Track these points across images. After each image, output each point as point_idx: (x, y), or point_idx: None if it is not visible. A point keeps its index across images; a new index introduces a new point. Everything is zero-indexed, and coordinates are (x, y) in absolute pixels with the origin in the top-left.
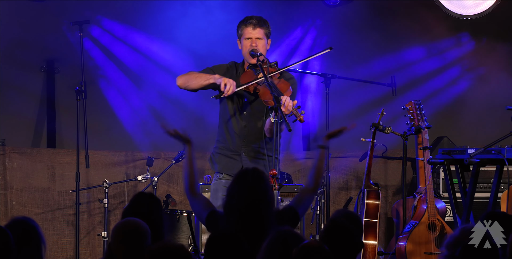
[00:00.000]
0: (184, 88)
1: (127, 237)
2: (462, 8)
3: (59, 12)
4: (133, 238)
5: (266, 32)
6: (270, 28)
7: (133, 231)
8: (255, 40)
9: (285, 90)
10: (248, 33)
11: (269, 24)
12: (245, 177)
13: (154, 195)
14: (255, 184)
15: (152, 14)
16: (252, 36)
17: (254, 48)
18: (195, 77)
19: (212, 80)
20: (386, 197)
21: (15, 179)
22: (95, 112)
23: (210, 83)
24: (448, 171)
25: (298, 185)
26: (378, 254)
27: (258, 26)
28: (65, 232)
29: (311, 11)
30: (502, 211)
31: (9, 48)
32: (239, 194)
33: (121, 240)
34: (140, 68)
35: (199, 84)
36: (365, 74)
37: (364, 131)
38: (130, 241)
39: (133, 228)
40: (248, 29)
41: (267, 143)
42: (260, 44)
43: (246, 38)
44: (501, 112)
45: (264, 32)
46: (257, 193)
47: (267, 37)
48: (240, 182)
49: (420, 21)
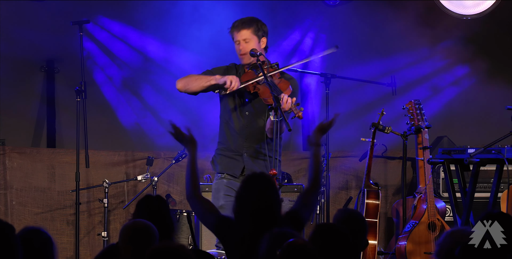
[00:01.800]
0: (184, 91)
1: (136, 237)
2: (462, 8)
3: (59, 12)
4: (142, 238)
5: (254, 31)
6: (264, 27)
7: (142, 232)
8: (242, 43)
9: (285, 89)
10: (235, 36)
11: (261, 22)
12: (254, 181)
13: (160, 196)
14: (266, 188)
15: (152, 13)
16: (239, 39)
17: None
18: (195, 79)
19: (213, 81)
20: (386, 197)
21: (15, 179)
22: (95, 112)
23: (212, 85)
24: (448, 171)
25: (298, 185)
26: (378, 254)
27: (241, 27)
28: (65, 232)
29: (311, 11)
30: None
31: (9, 48)
32: (250, 199)
33: (130, 240)
34: (140, 67)
35: (200, 86)
36: (365, 74)
37: (364, 131)
38: (139, 241)
39: (142, 229)
40: (234, 33)
41: (268, 143)
42: (249, 46)
43: (235, 42)
44: (501, 112)
45: (251, 32)
46: (268, 196)
47: (258, 36)
48: (250, 186)
49: (420, 21)
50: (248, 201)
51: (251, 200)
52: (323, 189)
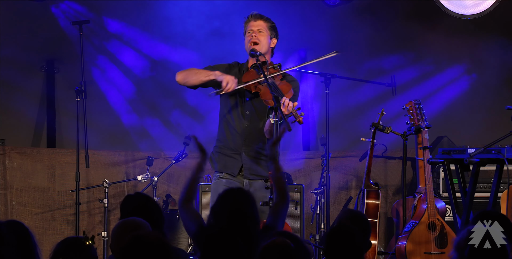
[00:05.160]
0: (183, 84)
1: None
2: (462, 8)
3: (59, 12)
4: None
5: (269, 26)
6: (275, 28)
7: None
8: (256, 32)
9: (286, 91)
10: (250, 25)
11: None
12: (229, 197)
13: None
14: (241, 204)
15: (152, 13)
16: (254, 28)
17: (254, 47)
18: (195, 73)
19: (212, 77)
20: (386, 197)
21: (15, 179)
22: (95, 112)
23: (210, 80)
24: (448, 171)
25: (298, 185)
26: (378, 254)
27: (259, 18)
28: (65, 232)
29: (311, 11)
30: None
31: (9, 48)
32: (224, 214)
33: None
34: (140, 67)
35: (199, 80)
36: (365, 74)
37: (364, 131)
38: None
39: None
40: (250, 22)
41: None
42: (261, 37)
43: (248, 32)
44: (501, 112)
45: (267, 25)
46: (244, 213)
47: (271, 34)
48: (225, 202)
49: (420, 20)
50: (222, 217)
51: (225, 215)
52: (323, 189)
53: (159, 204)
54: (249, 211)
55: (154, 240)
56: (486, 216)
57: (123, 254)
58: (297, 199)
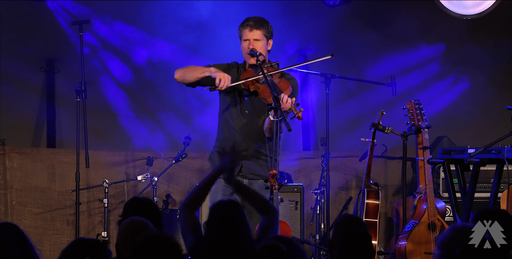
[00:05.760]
0: (181, 81)
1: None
2: (462, 8)
3: (59, 12)
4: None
5: (265, 33)
6: (272, 29)
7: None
8: (253, 42)
9: (285, 89)
10: (245, 35)
11: (269, 24)
12: (219, 209)
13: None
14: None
15: (152, 13)
16: (249, 38)
17: (252, 49)
18: (192, 70)
19: (207, 73)
20: (386, 197)
21: (15, 179)
22: (95, 112)
23: (206, 76)
24: (448, 171)
25: (298, 185)
26: (378, 254)
27: (255, 28)
28: (65, 232)
29: (311, 11)
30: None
31: (9, 48)
32: (214, 227)
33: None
34: (140, 67)
35: (195, 77)
36: (365, 74)
37: (364, 131)
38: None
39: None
40: (245, 31)
41: (267, 143)
42: (258, 46)
43: (244, 40)
44: (501, 112)
45: (262, 34)
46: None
47: (267, 38)
48: (214, 214)
49: (420, 21)
50: (213, 229)
51: (215, 227)
52: (323, 189)
53: (159, 204)
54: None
55: (167, 241)
56: (487, 214)
57: (136, 255)
58: (297, 199)
